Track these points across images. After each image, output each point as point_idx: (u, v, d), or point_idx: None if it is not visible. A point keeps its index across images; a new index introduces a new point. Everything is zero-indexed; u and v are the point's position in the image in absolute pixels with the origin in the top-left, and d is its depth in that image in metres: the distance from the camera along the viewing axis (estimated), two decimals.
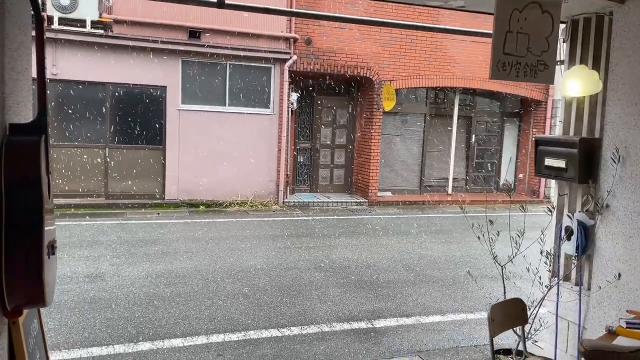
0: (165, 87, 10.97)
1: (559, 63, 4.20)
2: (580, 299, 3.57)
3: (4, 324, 1.82)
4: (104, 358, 4.21)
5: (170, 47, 10.69)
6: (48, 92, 1.88)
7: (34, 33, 2.06)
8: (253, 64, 11.56)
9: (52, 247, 1.88)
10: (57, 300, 5.20)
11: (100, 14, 10.20)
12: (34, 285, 1.70)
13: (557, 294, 3.70)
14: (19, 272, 1.67)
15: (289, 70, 11.64)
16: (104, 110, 10.71)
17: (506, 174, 14.75)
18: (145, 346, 4.45)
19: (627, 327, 2.66)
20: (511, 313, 3.29)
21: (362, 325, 5.12)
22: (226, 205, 11.20)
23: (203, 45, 10.92)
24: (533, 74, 2.91)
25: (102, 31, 10.27)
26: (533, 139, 3.79)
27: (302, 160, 13.04)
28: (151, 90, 10.98)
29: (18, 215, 1.67)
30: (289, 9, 10.30)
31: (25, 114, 2.16)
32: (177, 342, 4.54)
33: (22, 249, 1.67)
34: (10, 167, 1.68)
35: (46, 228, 1.76)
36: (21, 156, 1.71)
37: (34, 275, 1.68)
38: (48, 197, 1.83)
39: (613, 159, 3.33)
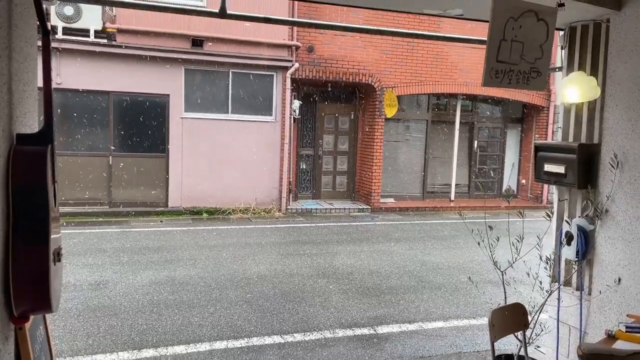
0: (168, 95, 11.05)
1: (557, 70, 4.24)
2: (581, 304, 3.59)
3: (11, 330, 1.86)
4: None
5: (173, 55, 10.78)
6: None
7: (39, 43, 2.11)
8: (255, 72, 11.63)
9: (58, 254, 1.92)
10: (62, 308, 5.24)
11: (104, 24, 10.30)
12: (40, 291, 1.73)
13: (558, 299, 3.72)
14: (25, 279, 1.71)
15: (291, 78, 11.71)
16: (107, 118, 10.79)
17: (509, 179, 14.75)
18: (148, 353, 4.48)
19: (626, 331, 2.68)
20: (512, 318, 3.31)
21: (365, 331, 5.13)
22: (229, 213, 11.24)
23: (206, 54, 11.00)
24: (525, 81, 2.94)
25: (105, 40, 10.36)
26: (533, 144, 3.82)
27: (304, 167, 13.08)
28: (154, 99, 11.06)
29: (25, 223, 1.71)
30: (290, 19, 10.37)
31: (31, 123, 2.21)
32: (180, 349, 4.57)
33: (28, 255, 1.71)
34: (18, 176, 1.73)
35: (52, 236, 1.80)
36: (28, 165, 1.75)
37: (40, 281, 1.72)
38: (54, 206, 1.87)
39: (612, 165, 3.36)
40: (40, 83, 2.08)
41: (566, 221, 3.68)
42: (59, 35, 9.91)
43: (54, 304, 1.80)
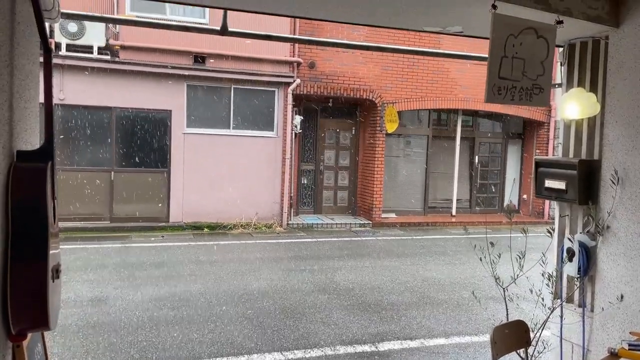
0: (171, 111, 11.10)
1: (557, 86, 4.26)
2: (583, 321, 3.56)
3: (8, 348, 1.84)
4: None
5: (175, 72, 10.86)
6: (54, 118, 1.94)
7: (41, 59, 2.12)
8: (257, 88, 11.70)
9: (57, 271, 1.92)
10: (61, 324, 5.20)
11: (107, 40, 10.39)
12: (38, 309, 1.73)
13: (561, 316, 3.69)
14: (23, 296, 1.70)
15: (292, 94, 11.77)
16: (109, 134, 10.83)
17: (510, 195, 14.74)
18: None
19: (629, 349, 2.65)
20: (514, 335, 3.28)
21: (366, 348, 5.09)
22: (230, 228, 11.22)
23: (208, 70, 11.08)
24: (528, 97, 2.94)
25: (108, 57, 10.45)
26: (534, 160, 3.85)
27: (305, 182, 13.09)
28: (156, 114, 11.12)
29: (24, 240, 1.71)
30: (291, 36, 10.46)
31: (32, 140, 2.22)
32: None
33: (27, 273, 1.70)
34: (17, 193, 1.73)
35: (51, 252, 1.80)
36: (28, 182, 1.76)
37: (38, 299, 1.71)
38: (53, 222, 1.87)
39: (612, 181, 3.35)
40: (42, 99, 2.10)
41: (568, 238, 3.66)
42: (63, 52, 10.00)
43: (52, 321, 1.79)
